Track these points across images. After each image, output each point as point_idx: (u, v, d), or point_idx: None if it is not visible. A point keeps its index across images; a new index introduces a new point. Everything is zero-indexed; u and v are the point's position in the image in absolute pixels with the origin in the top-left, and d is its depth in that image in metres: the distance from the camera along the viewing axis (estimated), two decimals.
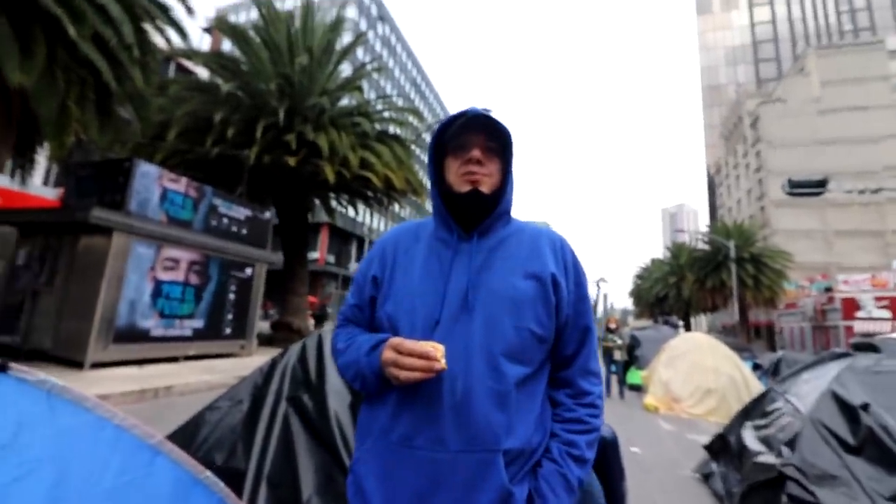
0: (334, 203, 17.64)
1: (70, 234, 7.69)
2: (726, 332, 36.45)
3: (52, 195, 12.46)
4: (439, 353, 0.80)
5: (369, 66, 17.40)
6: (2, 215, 8.07)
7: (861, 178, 31.24)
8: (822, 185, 11.11)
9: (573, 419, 0.91)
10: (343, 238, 37.48)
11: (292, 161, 11.89)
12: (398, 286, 0.96)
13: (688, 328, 36.73)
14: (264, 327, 16.89)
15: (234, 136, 11.79)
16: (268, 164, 12.34)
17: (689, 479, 4.18)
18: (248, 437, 2.25)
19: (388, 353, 0.84)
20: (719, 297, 30.67)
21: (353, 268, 36.07)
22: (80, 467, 1.09)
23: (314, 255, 31.67)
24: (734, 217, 42.15)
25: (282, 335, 13.92)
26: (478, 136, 0.96)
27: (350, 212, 21.43)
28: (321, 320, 19.59)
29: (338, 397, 2.18)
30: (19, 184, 8.04)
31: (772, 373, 8.81)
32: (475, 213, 0.96)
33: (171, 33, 8.18)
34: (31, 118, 6.07)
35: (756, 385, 7.51)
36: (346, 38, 16.73)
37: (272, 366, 2.54)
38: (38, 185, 13.09)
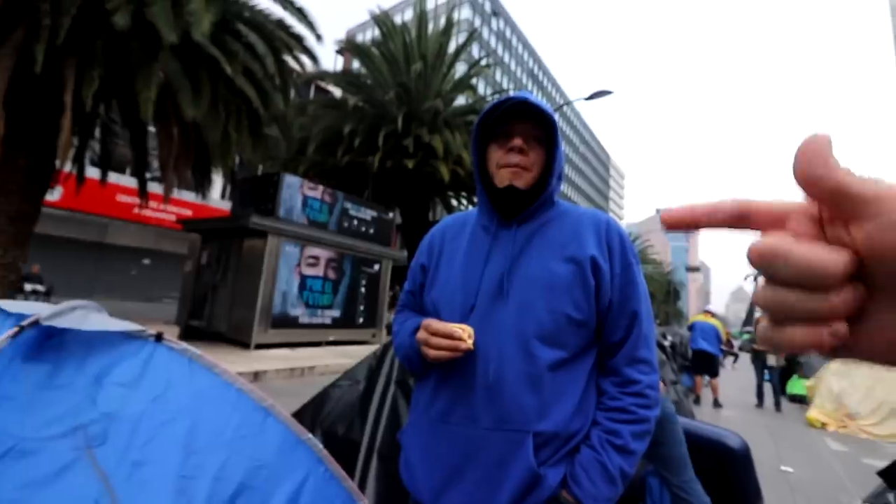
0: (454, 201, 18.26)
1: (237, 237, 9.29)
2: None
3: (227, 207, 15.19)
4: (466, 333, 0.83)
5: (482, 64, 17.60)
6: (191, 224, 10.12)
7: None
8: None
9: (617, 408, 0.86)
10: None
11: (410, 163, 12.63)
12: (442, 273, 1.00)
13: None
14: (390, 318, 18.27)
15: (360, 144, 12.96)
16: (390, 168, 13.29)
17: None
18: (363, 414, 2.49)
19: (420, 334, 0.90)
20: None
21: None
22: (209, 420, 1.34)
23: None
24: None
25: None
26: (521, 123, 0.94)
27: (470, 209, 21.95)
28: None
29: None
30: (202, 198, 9.99)
31: None
32: (513, 205, 0.95)
33: (306, 59, 9.34)
34: (203, 144, 7.53)
35: None
36: (460, 39, 17.20)
37: (384, 351, 2.77)
38: (217, 198, 16.07)
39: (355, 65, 17.43)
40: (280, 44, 8.23)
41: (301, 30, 8.84)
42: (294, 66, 9.02)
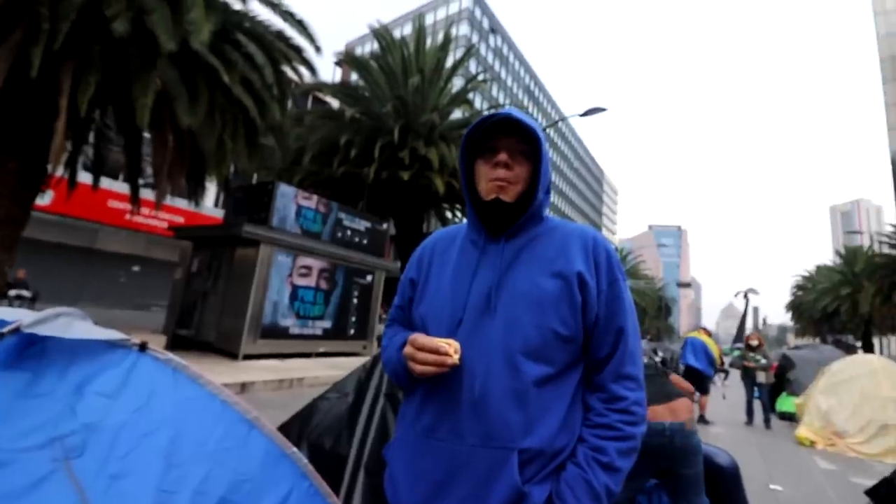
0: (448, 214, 18.33)
1: (229, 246, 9.23)
2: None
3: (220, 215, 15.12)
4: (452, 349, 0.83)
5: (479, 79, 17.85)
6: (182, 232, 10.05)
7: None
8: None
9: (603, 424, 0.85)
10: None
11: (406, 175, 12.71)
12: (431, 287, 1.00)
13: (868, 351, 30.00)
14: (382, 330, 18.15)
15: (356, 155, 13.03)
16: (385, 179, 13.35)
17: None
18: (350, 427, 2.45)
19: (407, 349, 0.89)
20: None
21: None
22: (192, 431, 1.31)
23: None
24: None
25: None
26: (506, 138, 0.95)
27: (464, 222, 22.06)
28: None
29: None
30: (195, 206, 9.95)
31: None
32: (500, 219, 0.95)
33: (304, 70, 9.41)
34: (198, 152, 7.53)
35: None
36: (457, 54, 17.47)
37: (374, 363, 2.75)
38: (210, 206, 15.99)
39: (353, 77, 17.61)
40: (279, 55, 8.31)
41: (300, 41, 8.94)
42: (292, 77, 9.09)
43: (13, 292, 9.82)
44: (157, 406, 1.29)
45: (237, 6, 8.09)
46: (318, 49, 9.16)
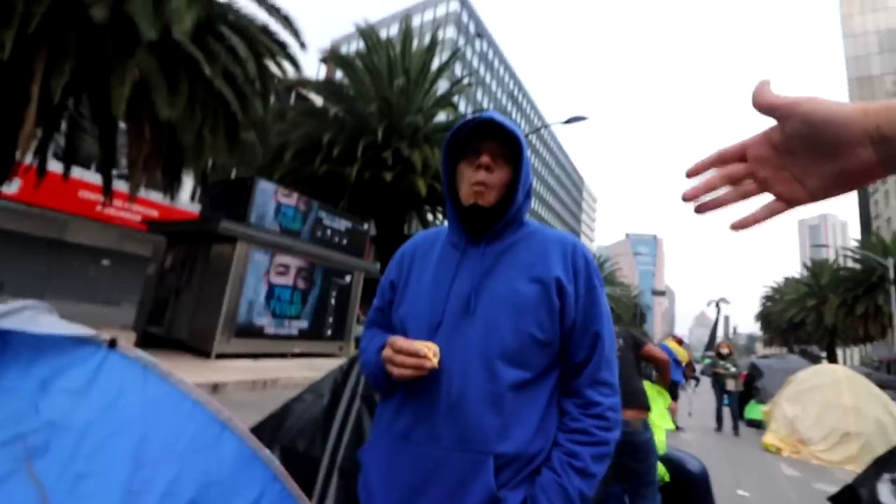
0: (430, 216, 18.32)
1: (205, 242, 9.01)
2: (885, 369, 30.25)
3: (196, 209, 14.76)
4: (431, 352, 0.82)
5: (464, 82, 17.94)
6: (156, 226, 9.78)
7: None
8: None
9: (578, 430, 0.86)
10: None
11: (388, 176, 12.65)
12: (411, 290, 1.00)
13: (832, 361, 31.19)
14: (360, 331, 18.01)
15: (339, 154, 12.90)
16: (367, 179, 13.26)
17: None
18: (325, 429, 2.42)
19: (385, 351, 0.89)
20: (874, 326, 25.73)
21: None
22: (161, 430, 1.28)
23: None
24: (893, 230, 35.16)
25: None
26: (488, 141, 0.95)
27: (445, 224, 22.12)
28: None
29: None
30: (170, 200, 9.69)
31: None
32: (480, 223, 0.96)
33: (288, 65, 9.29)
34: (176, 145, 7.34)
35: None
36: (443, 57, 17.50)
37: (351, 364, 2.72)
38: (186, 200, 15.59)
39: (338, 75, 17.46)
40: (263, 49, 8.19)
41: (285, 37, 8.83)
42: (276, 72, 8.96)
43: None
44: (126, 404, 1.26)
45: None
46: (302, 45, 9.06)
